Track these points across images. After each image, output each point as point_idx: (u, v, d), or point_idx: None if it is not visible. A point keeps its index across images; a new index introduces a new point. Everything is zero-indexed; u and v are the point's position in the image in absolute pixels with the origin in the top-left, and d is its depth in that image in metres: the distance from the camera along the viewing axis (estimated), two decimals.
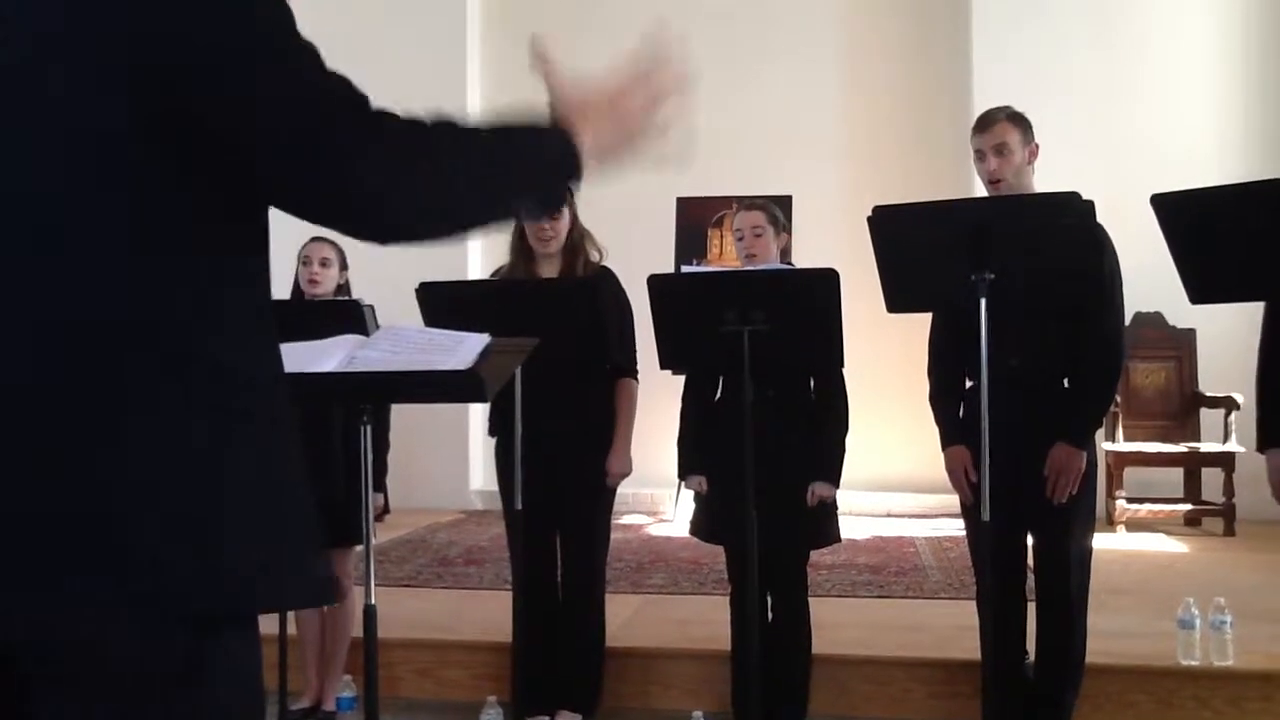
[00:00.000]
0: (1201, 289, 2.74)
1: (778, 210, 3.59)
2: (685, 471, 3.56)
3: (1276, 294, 2.58)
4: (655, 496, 6.98)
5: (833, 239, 5.72)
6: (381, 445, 3.59)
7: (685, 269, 5.63)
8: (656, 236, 7.09)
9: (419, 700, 3.92)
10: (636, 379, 3.62)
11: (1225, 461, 6.05)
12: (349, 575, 3.72)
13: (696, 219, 7.46)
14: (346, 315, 3.43)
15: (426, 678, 3.98)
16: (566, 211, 3.55)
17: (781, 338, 3.01)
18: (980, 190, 3.42)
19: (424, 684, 3.97)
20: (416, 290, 3.32)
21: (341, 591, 3.68)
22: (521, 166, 1.22)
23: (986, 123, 3.20)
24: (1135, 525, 6.15)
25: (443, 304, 3.30)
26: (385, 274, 3.58)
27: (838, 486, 3.41)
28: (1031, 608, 3.25)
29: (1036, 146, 3.21)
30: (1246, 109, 6.81)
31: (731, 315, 3.01)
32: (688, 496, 3.74)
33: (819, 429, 3.40)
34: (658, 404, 4.00)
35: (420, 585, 5.02)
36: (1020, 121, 3.19)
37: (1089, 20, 6.90)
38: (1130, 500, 6.17)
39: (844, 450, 3.42)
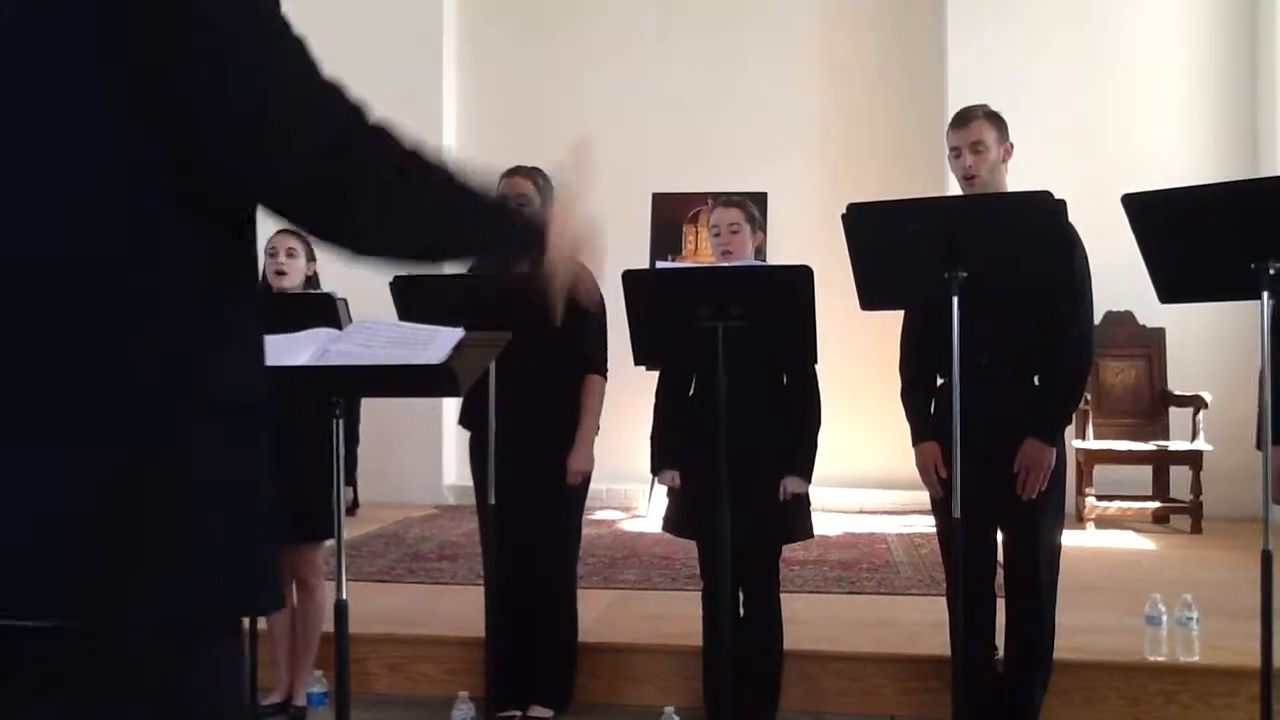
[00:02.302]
0: (1171, 288, 2.77)
1: (754, 208, 3.59)
2: (658, 467, 3.55)
3: (1245, 293, 2.61)
4: (628, 492, 6.98)
5: (807, 236, 5.75)
6: (351, 440, 3.58)
7: (660, 265, 5.62)
8: (631, 232, 7.08)
9: (390, 695, 3.91)
10: (605, 376, 3.61)
11: (1193, 459, 6.11)
12: (319, 571, 3.70)
13: (672, 215, 7.46)
14: (319, 308, 3.42)
15: (398, 673, 3.97)
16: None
17: (755, 334, 3.01)
18: (955, 189, 3.44)
19: (396, 679, 3.96)
20: (390, 284, 3.30)
21: (309, 588, 3.67)
22: (480, 225, 1.33)
23: (963, 120, 3.22)
24: (1104, 522, 6.21)
25: (416, 298, 3.28)
26: (358, 268, 3.56)
27: (810, 482, 3.42)
28: (1001, 603, 3.28)
29: (1011, 146, 3.24)
30: (1218, 110, 6.87)
31: (706, 311, 3.01)
32: (660, 492, 3.74)
33: (792, 425, 3.41)
34: (631, 400, 4.00)
35: (393, 580, 4.99)
36: (996, 120, 3.22)
37: (1063, 21, 6.95)
38: (1099, 497, 6.22)
39: (816, 446, 3.42)
